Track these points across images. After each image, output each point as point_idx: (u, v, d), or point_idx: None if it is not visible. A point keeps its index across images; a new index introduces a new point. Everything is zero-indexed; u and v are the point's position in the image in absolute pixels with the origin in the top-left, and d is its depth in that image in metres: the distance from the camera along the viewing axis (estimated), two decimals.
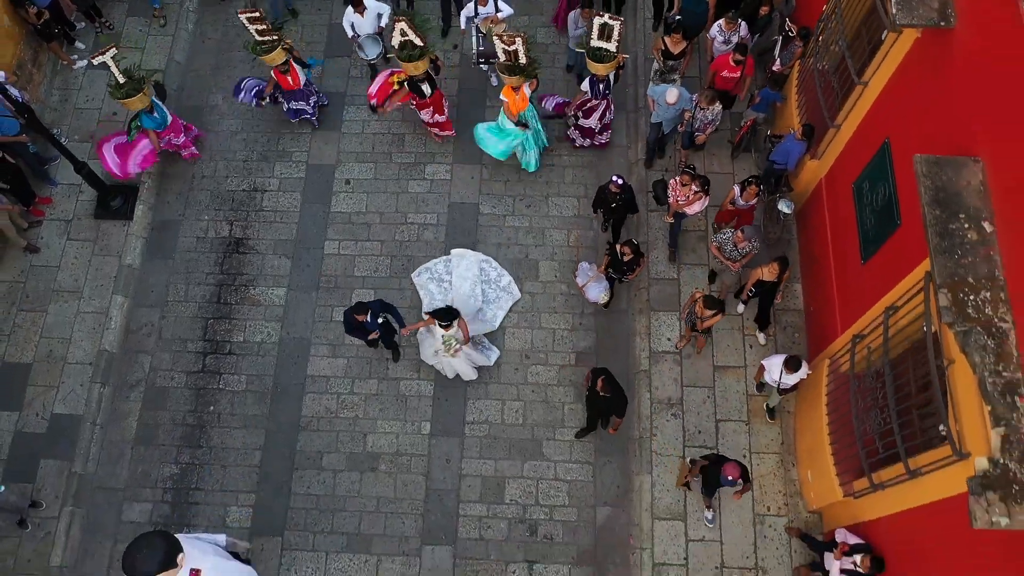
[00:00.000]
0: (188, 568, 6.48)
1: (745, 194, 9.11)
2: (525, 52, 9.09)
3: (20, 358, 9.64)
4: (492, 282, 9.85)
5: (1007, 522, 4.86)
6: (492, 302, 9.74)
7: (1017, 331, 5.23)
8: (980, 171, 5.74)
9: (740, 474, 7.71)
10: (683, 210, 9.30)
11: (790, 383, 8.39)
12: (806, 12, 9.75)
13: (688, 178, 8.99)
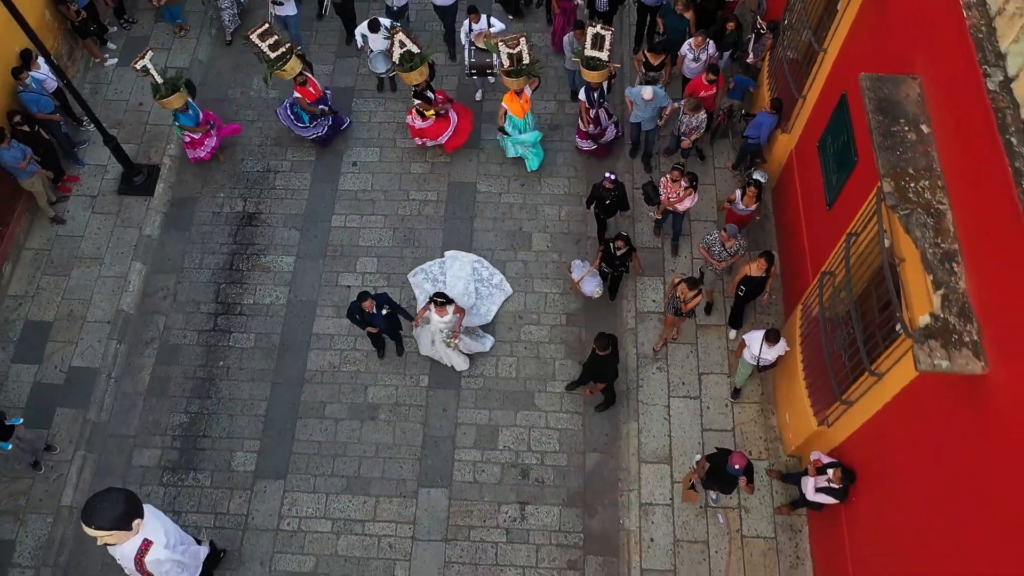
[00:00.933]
0: (142, 536, 6.90)
1: (745, 199, 9.54)
2: (528, 51, 9.95)
3: (42, 317, 10.21)
4: (485, 280, 10.35)
5: (947, 364, 5.39)
6: (485, 298, 10.23)
7: (953, 212, 5.88)
8: (918, 85, 6.50)
9: (746, 464, 7.75)
10: (675, 207, 9.84)
11: (770, 358, 8.73)
12: (773, 8, 10.75)
13: (678, 174, 9.60)
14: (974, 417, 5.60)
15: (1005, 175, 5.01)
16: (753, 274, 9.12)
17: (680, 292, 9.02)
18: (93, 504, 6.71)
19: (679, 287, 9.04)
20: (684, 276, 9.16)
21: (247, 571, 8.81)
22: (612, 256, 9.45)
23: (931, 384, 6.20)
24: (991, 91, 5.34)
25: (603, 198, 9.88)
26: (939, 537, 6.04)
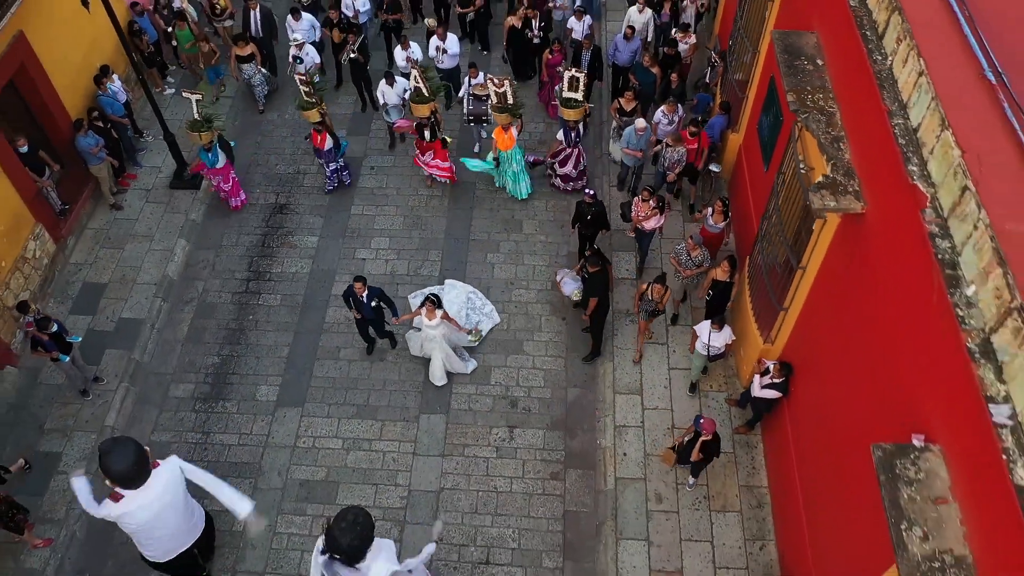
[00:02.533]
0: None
1: (714, 215, 10.71)
2: (512, 93, 11.99)
3: (98, 279, 11.80)
4: (477, 309, 11.35)
5: (835, 204, 6.99)
6: (475, 324, 11.22)
7: (840, 111, 7.65)
8: (815, 37, 8.46)
9: (713, 431, 8.70)
10: (642, 224, 11.05)
11: (719, 344, 9.69)
12: (722, 40, 13.02)
13: (648, 194, 10.90)
14: (860, 267, 7.11)
15: (871, 85, 6.70)
16: (719, 278, 10.12)
17: (652, 293, 10.09)
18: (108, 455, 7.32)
19: (650, 289, 10.09)
20: (646, 283, 10.20)
21: (266, 480, 9.93)
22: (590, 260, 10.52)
23: (834, 263, 7.75)
24: (866, 36, 7.17)
25: (584, 213, 11.18)
26: (845, 377, 7.40)
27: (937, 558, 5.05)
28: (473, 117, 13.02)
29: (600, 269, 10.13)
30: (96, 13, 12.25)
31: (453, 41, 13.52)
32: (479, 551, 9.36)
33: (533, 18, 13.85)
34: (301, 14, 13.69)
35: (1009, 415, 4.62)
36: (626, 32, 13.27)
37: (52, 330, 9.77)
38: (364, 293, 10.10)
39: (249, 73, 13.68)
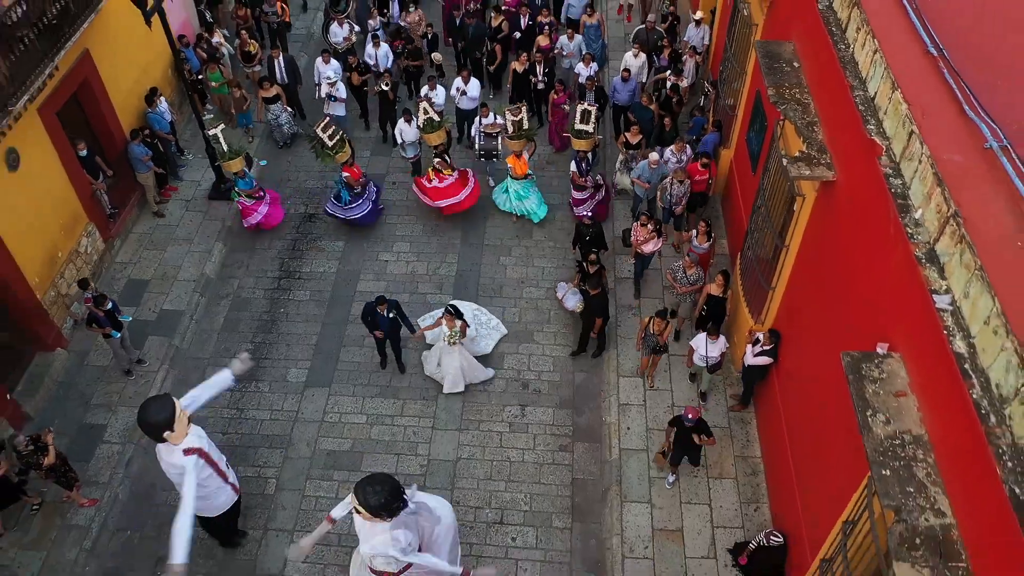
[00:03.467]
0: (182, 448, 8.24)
1: (699, 236, 11.45)
2: (527, 119, 13.23)
3: (141, 276, 12.80)
4: (483, 324, 11.95)
5: (809, 172, 8.04)
6: (483, 336, 11.76)
7: (813, 103, 8.79)
8: (792, 46, 9.69)
9: (699, 417, 9.22)
10: (641, 248, 11.72)
11: (715, 354, 10.27)
12: (713, 70, 14.35)
13: (646, 219, 11.69)
14: (832, 228, 8.14)
15: (837, 68, 7.84)
16: (714, 292, 10.79)
17: (653, 327, 10.53)
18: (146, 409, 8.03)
19: (651, 323, 10.56)
20: (649, 317, 10.69)
21: (296, 451, 10.71)
22: (587, 275, 11.15)
23: (812, 234, 8.77)
24: (832, 32, 8.36)
25: (583, 234, 12.05)
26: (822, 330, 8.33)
27: (898, 437, 5.91)
28: (484, 152, 14.02)
29: (601, 291, 10.92)
30: (149, 42, 13.69)
31: (474, 85, 14.54)
32: (493, 513, 10.08)
33: (538, 63, 15.03)
34: (331, 58, 14.95)
35: (949, 301, 5.57)
36: (623, 74, 14.43)
37: (107, 307, 10.71)
38: (385, 310, 10.72)
39: (276, 112, 14.75)
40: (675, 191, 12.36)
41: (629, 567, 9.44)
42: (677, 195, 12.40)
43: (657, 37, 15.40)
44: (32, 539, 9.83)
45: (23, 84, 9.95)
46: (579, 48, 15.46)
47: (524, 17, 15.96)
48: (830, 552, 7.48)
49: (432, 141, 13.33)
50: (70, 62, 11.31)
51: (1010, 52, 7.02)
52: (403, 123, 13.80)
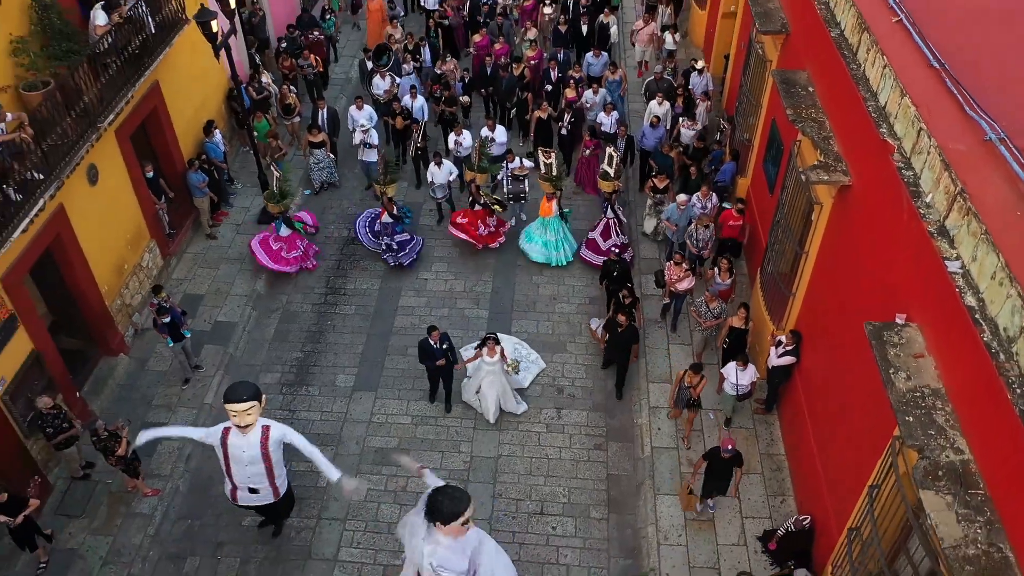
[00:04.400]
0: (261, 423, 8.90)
1: (721, 273, 12.06)
2: (557, 166, 14.21)
3: (196, 291, 13.63)
4: (523, 358, 12.49)
5: (826, 177, 8.94)
6: (523, 370, 12.28)
7: (828, 120, 9.76)
8: (807, 74, 10.72)
9: (735, 448, 9.53)
10: (675, 287, 12.19)
11: (745, 382, 10.74)
12: (728, 107, 15.45)
13: (680, 258, 12.28)
14: (849, 228, 9.00)
15: (856, 97, 8.79)
16: (736, 325, 11.27)
17: (687, 380, 10.70)
18: (233, 388, 8.77)
19: (685, 376, 10.73)
20: (684, 370, 10.81)
21: (345, 448, 11.36)
22: (621, 306, 11.63)
23: (831, 240, 9.63)
24: (845, 55, 9.38)
25: (611, 270, 12.64)
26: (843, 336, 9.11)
27: (918, 391, 6.65)
28: (512, 195, 14.72)
29: (631, 323, 11.43)
30: (207, 79, 14.87)
31: (501, 132, 15.45)
32: (534, 504, 10.68)
33: (565, 113, 15.87)
34: (364, 105, 15.72)
35: (960, 266, 6.38)
36: (652, 121, 15.16)
37: (165, 320, 11.46)
38: (437, 340, 11.17)
39: (319, 157, 15.44)
40: (700, 236, 12.92)
41: (665, 553, 10.00)
42: (703, 240, 12.97)
43: (667, 85, 16.32)
44: (99, 525, 10.42)
45: (108, 106, 10.97)
46: (603, 101, 16.27)
47: (553, 71, 17.00)
48: (857, 520, 8.10)
49: (470, 177, 14.24)
50: (143, 91, 12.37)
51: (1003, 63, 8.00)
52: (433, 166, 14.55)
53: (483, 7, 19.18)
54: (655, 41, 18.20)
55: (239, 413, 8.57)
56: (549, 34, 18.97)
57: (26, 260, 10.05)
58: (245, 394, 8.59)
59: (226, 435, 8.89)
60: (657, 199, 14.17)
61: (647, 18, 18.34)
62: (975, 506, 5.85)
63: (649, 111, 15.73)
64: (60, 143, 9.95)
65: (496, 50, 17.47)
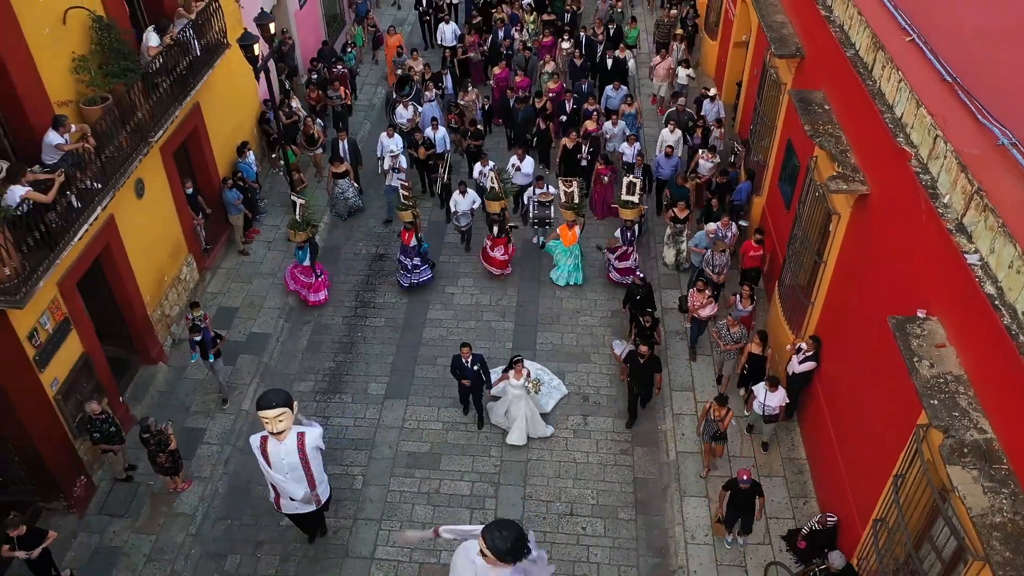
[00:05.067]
0: (295, 431, 9.14)
1: (742, 300, 12.27)
2: (579, 194, 14.74)
3: (231, 304, 14.09)
4: (546, 383, 12.35)
5: (845, 187, 9.43)
6: (545, 395, 12.26)
7: (845, 134, 10.30)
8: (822, 94, 11.29)
9: (751, 478, 9.61)
10: (698, 313, 12.46)
11: (773, 404, 10.81)
12: (742, 130, 16.04)
13: (703, 284, 12.55)
14: (868, 235, 9.48)
15: (873, 111, 9.34)
16: (754, 351, 11.48)
17: (714, 413, 10.69)
18: (264, 395, 8.99)
19: (711, 409, 10.70)
20: (709, 403, 10.79)
21: (379, 452, 11.71)
22: (643, 328, 12.01)
23: (849, 248, 10.10)
24: (860, 73, 9.96)
25: (634, 294, 12.94)
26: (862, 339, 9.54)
27: (941, 377, 7.06)
28: (537, 221, 15.16)
29: (653, 352, 11.54)
30: (242, 102, 15.52)
31: (529, 162, 15.71)
32: (563, 506, 11.00)
33: (584, 143, 16.32)
34: (395, 133, 16.19)
35: (979, 258, 6.84)
36: (666, 150, 15.50)
37: (197, 338, 11.71)
38: (469, 358, 11.49)
39: (343, 187, 15.77)
40: (717, 261, 13.25)
41: (692, 552, 10.30)
42: (719, 265, 13.28)
43: (688, 118, 16.80)
44: (142, 524, 10.74)
45: (158, 122, 11.54)
46: (622, 132, 16.71)
47: (569, 102, 17.56)
48: (881, 512, 8.44)
49: (492, 208, 14.55)
50: (187, 111, 12.94)
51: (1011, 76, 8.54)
52: (457, 194, 14.87)
53: (503, 43, 19.84)
54: (671, 76, 18.86)
55: (271, 420, 8.77)
56: (567, 68, 19.51)
57: (80, 267, 10.52)
58: (275, 401, 8.76)
59: (264, 444, 9.09)
60: (677, 228, 14.41)
61: (664, 54, 18.95)
62: (999, 479, 6.22)
63: (661, 139, 16.16)
64: (116, 155, 10.48)
65: (517, 83, 18.11)
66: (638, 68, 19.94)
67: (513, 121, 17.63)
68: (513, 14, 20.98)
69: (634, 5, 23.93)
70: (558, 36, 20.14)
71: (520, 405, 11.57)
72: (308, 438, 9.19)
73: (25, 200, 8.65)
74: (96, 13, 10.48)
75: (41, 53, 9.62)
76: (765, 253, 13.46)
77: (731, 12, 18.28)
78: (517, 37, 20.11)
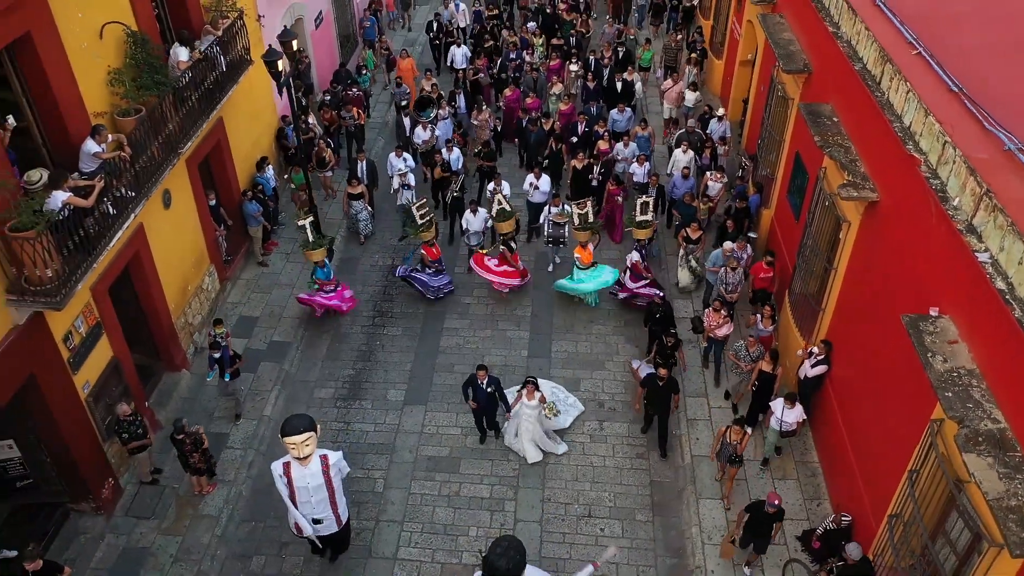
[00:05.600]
0: (318, 454, 9.24)
1: (764, 320, 12.35)
2: (592, 214, 15.01)
3: (251, 314, 14.37)
4: (561, 401, 12.57)
5: (856, 194, 9.76)
6: (562, 413, 12.41)
7: (854, 145, 10.66)
8: (830, 106, 11.67)
9: (779, 504, 9.46)
10: (714, 333, 12.51)
11: (791, 420, 10.90)
12: (749, 145, 16.43)
13: (719, 304, 12.57)
14: (878, 240, 9.80)
15: (882, 121, 9.72)
16: (764, 369, 11.51)
17: (731, 436, 10.64)
18: (288, 422, 9.08)
19: (728, 432, 10.66)
20: (727, 427, 10.75)
21: (399, 456, 11.95)
22: (664, 348, 12.14)
23: (859, 254, 10.41)
24: (869, 85, 10.34)
25: (654, 312, 12.99)
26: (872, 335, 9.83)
27: (955, 371, 7.33)
28: (552, 239, 15.28)
29: (671, 376, 11.60)
30: (261, 118, 15.92)
31: (545, 181, 15.87)
32: (582, 508, 11.21)
33: (595, 164, 16.61)
34: (403, 153, 16.53)
35: (988, 256, 7.14)
36: (683, 172, 15.69)
37: (217, 355, 11.86)
38: (484, 380, 11.49)
39: (357, 209, 15.86)
40: (731, 279, 13.33)
41: (709, 552, 10.50)
42: (732, 283, 13.37)
43: (698, 139, 16.98)
44: (168, 526, 10.94)
45: (186, 135, 11.90)
46: (633, 153, 16.91)
47: (581, 124, 17.92)
48: (896, 507, 8.67)
49: (502, 229, 14.64)
50: (211, 125, 13.32)
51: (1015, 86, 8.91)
52: (469, 213, 15.05)
53: (511, 64, 20.20)
54: (681, 100, 19.05)
55: (298, 445, 8.90)
56: (575, 90, 19.89)
57: (111, 273, 10.82)
58: (301, 426, 8.88)
59: (288, 470, 9.19)
60: (689, 249, 14.47)
61: (675, 78, 19.20)
62: (1013, 466, 6.48)
63: (674, 159, 16.36)
64: (147, 165, 10.82)
65: (528, 104, 18.48)
66: (645, 91, 20.32)
67: (526, 142, 17.89)
68: (523, 38, 21.49)
69: (642, 28, 24.42)
70: (565, 59, 20.53)
71: (529, 426, 11.59)
72: (331, 459, 9.30)
73: (66, 205, 8.96)
74: (131, 28, 10.87)
75: (80, 66, 9.98)
76: (775, 275, 13.52)
77: (737, 32, 18.77)
78: (527, 59, 20.48)
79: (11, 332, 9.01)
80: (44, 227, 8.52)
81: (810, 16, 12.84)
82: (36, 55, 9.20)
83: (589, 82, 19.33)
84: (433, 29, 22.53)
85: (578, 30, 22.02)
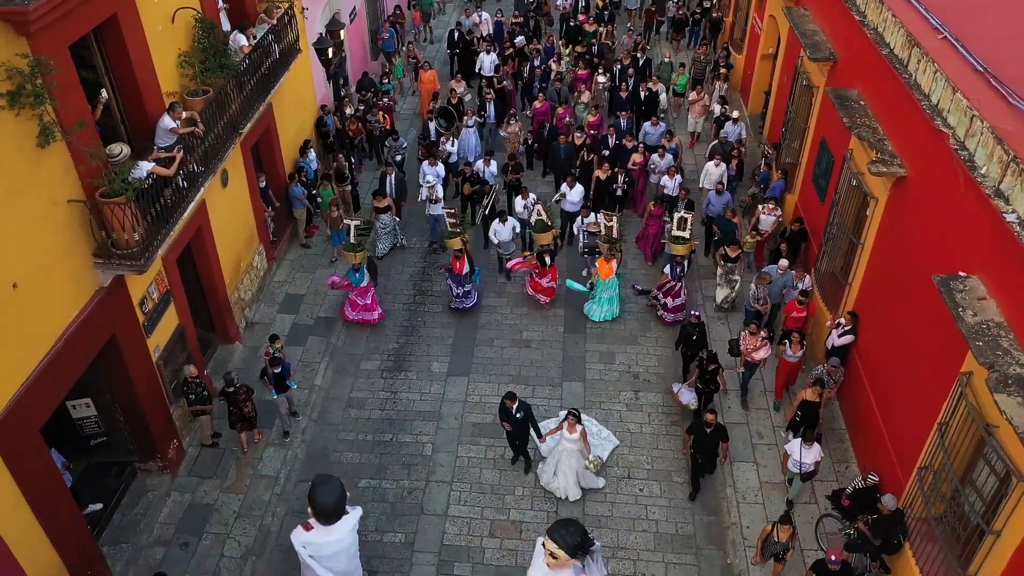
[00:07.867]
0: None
1: (792, 345, 11.99)
2: (618, 229, 15.08)
3: (297, 291, 15.02)
4: (594, 435, 12.22)
5: (885, 170, 10.38)
6: (596, 447, 11.93)
7: (881, 126, 11.28)
8: (857, 91, 12.29)
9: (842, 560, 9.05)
10: (751, 356, 12.19)
11: (809, 461, 10.58)
12: (772, 134, 17.06)
13: (755, 327, 12.27)
14: (909, 217, 10.42)
15: (911, 99, 10.37)
16: (809, 398, 11.16)
17: (778, 535, 9.70)
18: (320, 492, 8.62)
19: (774, 531, 9.75)
20: (771, 523, 9.86)
21: (446, 423, 12.56)
22: (704, 372, 11.92)
23: (887, 229, 11.02)
24: (897, 68, 10.96)
25: (689, 334, 12.72)
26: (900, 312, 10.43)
27: (984, 324, 7.94)
28: (587, 249, 15.24)
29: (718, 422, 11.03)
30: (304, 105, 16.56)
31: (577, 191, 15.75)
32: (621, 470, 11.81)
33: (620, 174, 16.70)
34: (438, 161, 16.79)
35: (1016, 217, 7.75)
36: (717, 188, 15.56)
37: (276, 370, 11.92)
38: (514, 406, 11.22)
39: (385, 222, 15.81)
40: (760, 293, 13.21)
41: (744, 510, 11.10)
42: (763, 296, 13.23)
43: (729, 149, 17.02)
44: (230, 485, 11.56)
45: (245, 117, 12.55)
46: (668, 164, 16.83)
47: (611, 137, 17.85)
48: (925, 460, 9.26)
49: (540, 240, 14.70)
50: (264, 109, 13.97)
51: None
52: (497, 223, 14.98)
53: (536, 71, 20.29)
54: (707, 112, 19.17)
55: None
56: (602, 101, 19.98)
57: (179, 244, 11.46)
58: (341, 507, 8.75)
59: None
60: (728, 268, 14.25)
61: (700, 90, 19.24)
62: None
63: (706, 172, 16.37)
64: (213, 143, 11.47)
65: (559, 114, 18.55)
66: (670, 102, 20.44)
67: (555, 157, 17.64)
68: (548, 47, 21.73)
69: (659, 41, 24.74)
70: (593, 69, 20.50)
71: (571, 461, 11.30)
72: (352, 519, 9.11)
73: (151, 174, 9.61)
74: (200, 13, 11.53)
75: (156, 48, 10.64)
76: (808, 317, 13.11)
77: (758, 27, 19.42)
78: (554, 68, 20.39)
79: (98, 293, 9.64)
80: (133, 194, 9.15)
81: (836, 7, 13.48)
82: (121, 36, 9.85)
83: (621, 92, 19.10)
84: (455, 38, 22.38)
85: (603, 41, 21.89)
